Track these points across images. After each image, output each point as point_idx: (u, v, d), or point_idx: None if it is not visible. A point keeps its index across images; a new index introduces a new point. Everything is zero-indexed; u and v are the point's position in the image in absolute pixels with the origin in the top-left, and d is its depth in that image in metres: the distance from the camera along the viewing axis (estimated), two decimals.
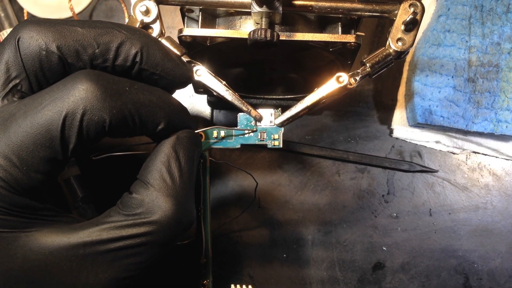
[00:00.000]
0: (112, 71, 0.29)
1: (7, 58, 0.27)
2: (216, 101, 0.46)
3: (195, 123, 0.33)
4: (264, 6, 0.31)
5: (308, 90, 0.34)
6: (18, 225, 0.25)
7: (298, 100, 0.34)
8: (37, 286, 0.26)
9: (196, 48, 0.35)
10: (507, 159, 0.48)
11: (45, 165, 0.26)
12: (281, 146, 0.34)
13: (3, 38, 0.49)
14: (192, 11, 0.35)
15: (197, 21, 0.35)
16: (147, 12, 0.32)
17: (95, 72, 0.27)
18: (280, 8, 0.32)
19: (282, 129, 0.34)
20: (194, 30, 0.33)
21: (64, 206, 0.45)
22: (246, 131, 0.34)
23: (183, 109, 0.31)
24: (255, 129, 0.34)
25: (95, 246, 0.26)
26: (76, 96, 0.25)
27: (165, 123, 0.29)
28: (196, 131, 0.32)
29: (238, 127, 0.34)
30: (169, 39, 0.33)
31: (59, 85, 0.26)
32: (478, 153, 0.48)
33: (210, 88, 0.33)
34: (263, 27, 0.32)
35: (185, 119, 0.31)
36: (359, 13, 0.33)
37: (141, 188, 0.28)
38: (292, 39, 0.33)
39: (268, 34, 0.31)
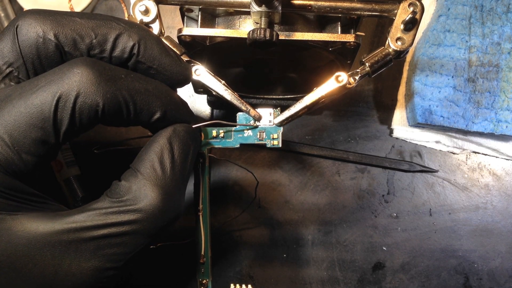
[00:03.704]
0: (109, 62, 0.29)
1: (5, 44, 0.27)
2: (216, 101, 0.46)
3: (196, 118, 0.33)
4: (263, 5, 0.31)
5: (307, 89, 0.34)
6: (5, 207, 0.25)
7: (297, 100, 0.34)
8: (18, 273, 0.25)
9: (196, 48, 0.35)
10: (507, 159, 0.48)
11: (37, 147, 0.26)
12: (280, 145, 0.34)
13: None
14: (191, 10, 0.35)
15: (197, 20, 0.35)
16: (146, 11, 0.32)
17: (91, 59, 0.27)
18: (280, 8, 0.32)
19: (281, 128, 0.34)
20: (194, 30, 0.33)
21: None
22: (247, 126, 0.34)
23: (182, 102, 0.31)
24: (256, 125, 0.34)
25: (79, 233, 0.26)
26: (71, 79, 0.26)
27: (161, 113, 0.29)
28: (196, 125, 0.32)
29: (238, 124, 0.34)
30: (169, 38, 0.33)
31: (56, 70, 0.27)
32: (478, 153, 0.48)
33: (209, 88, 0.33)
34: (262, 26, 0.32)
35: (183, 113, 0.31)
36: (358, 12, 0.33)
37: (131, 176, 0.28)
38: (292, 38, 0.33)
39: (268, 34, 0.31)
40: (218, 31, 0.33)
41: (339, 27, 0.35)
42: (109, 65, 0.28)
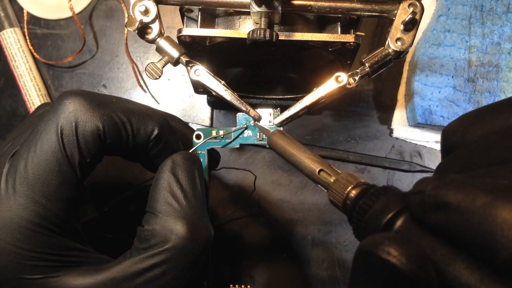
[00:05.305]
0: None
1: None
2: (216, 101, 0.46)
3: (191, 128, 0.34)
4: (263, 6, 0.31)
5: (307, 90, 0.34)
6: (47, 270, 0.26)
7: (297, 100, 0.34)
8: None
9: (196, 48, 0.35)
10: None
11: (62, 191, 0.26)
12: None
13: (3, 38, 0.49)
14: (191, 11, 0.35)
15: (197, 21, 0.35)
16: (146, 12, 0.32)
17: (79, 90, 0.28)
18: (279, 8, 0.32)
19: (281, 129, 0.34)
20: (194, 30, 0.33)
21: None
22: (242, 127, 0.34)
23: (173, 117, 0.33)
24: (245, 126, 0.35)
25: (121, 284, 0.26)
26: (65, 112, 0.26)
27: (159, 130, 0.30)
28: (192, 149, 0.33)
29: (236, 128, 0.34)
30: (168, 39, 0.33)
31: (49, 110, 0.27)
32: None
33: (209, 88, 0.33)
34: (262, 27, 0.32)
35: (179, 126, 0.32)
36: (358, 13, 0.33)
37: (151, 218, 0.28)
38: (291, 39, 0.33)
39: (267, 34, 0.31)
40: (218, 31, 0.33)
41: (339, 27, 0.35)
42: (97, 93, 0.29)
